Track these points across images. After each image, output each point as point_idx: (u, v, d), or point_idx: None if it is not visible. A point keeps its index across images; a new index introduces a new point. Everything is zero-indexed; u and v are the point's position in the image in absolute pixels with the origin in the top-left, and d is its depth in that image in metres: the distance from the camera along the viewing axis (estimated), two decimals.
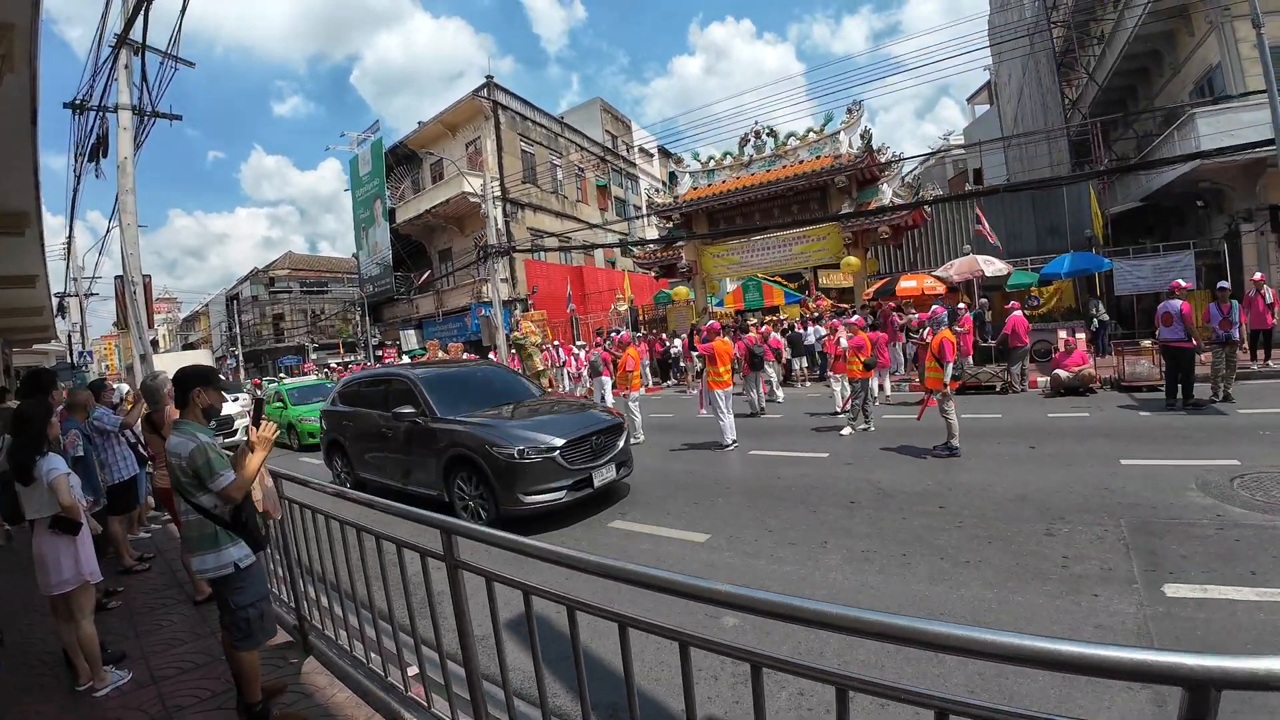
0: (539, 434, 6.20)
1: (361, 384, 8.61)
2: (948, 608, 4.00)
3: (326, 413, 8.98)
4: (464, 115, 27.73)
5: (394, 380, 7.72)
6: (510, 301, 26.28)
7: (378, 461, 7.78)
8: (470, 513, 6.38)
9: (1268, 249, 14.29)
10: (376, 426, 7.67)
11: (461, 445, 6.41)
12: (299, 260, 47.85)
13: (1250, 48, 13.93)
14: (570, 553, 1.89)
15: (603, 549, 5.33)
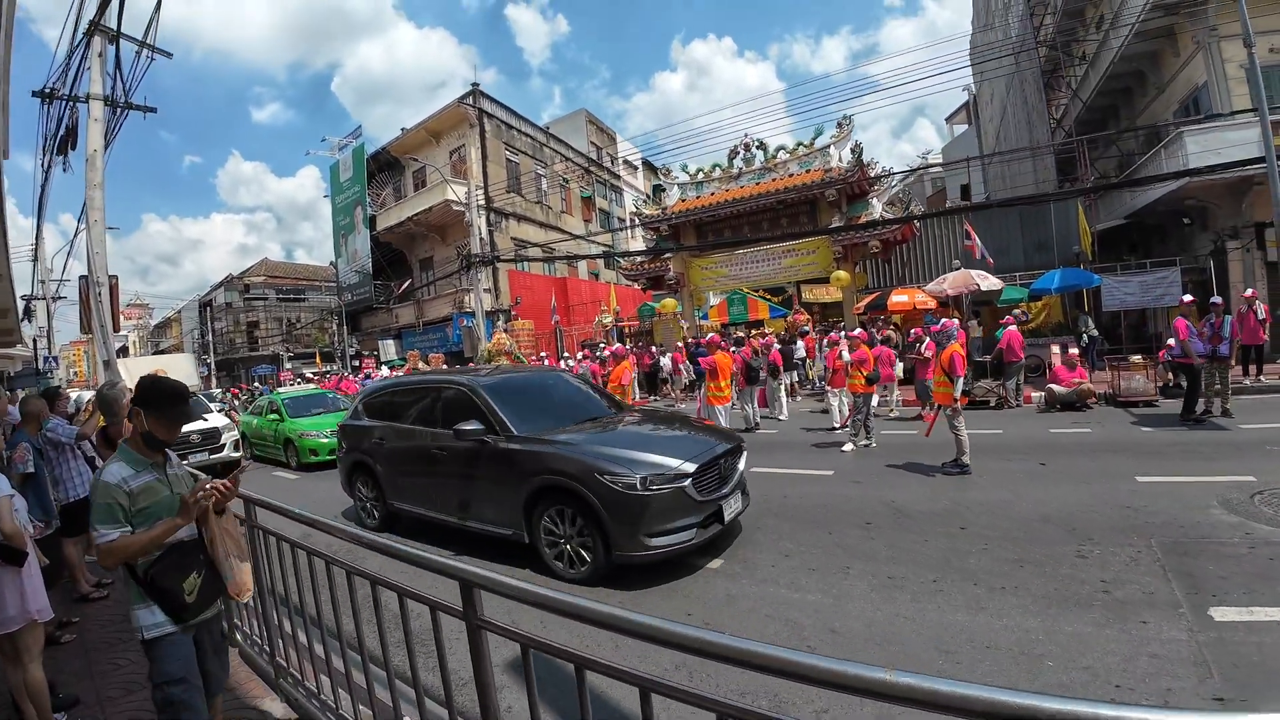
0: (663, 457, 4.92)
1: (396, 393, 7.11)
2: (993, 639, 3.71)
3: (348, 428, 7.46)
4: (448, 122, 27.34)
5: (445, 389, 6.30)
6: (493, 312, 25.80)
7: (423, 490, 6.31)
8: (566, 559, 5.05)
9: (1253, 266, 14.43)
10: (422, 447, 6.23)
11: (555, 472, 5.04)
12: (275, 267, 46.83)
13: (1237, 68, 14.16)
14: (636, 618, 1.46)
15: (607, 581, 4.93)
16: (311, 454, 11.41)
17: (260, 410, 13.92)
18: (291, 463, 12.04)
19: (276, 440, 12.57)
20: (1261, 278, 14.22)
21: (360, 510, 7.18)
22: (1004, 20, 21.91)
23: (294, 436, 11.85)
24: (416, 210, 26.99)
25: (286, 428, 12.26)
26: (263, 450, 13.17)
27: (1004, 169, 25.22)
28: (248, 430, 13.43)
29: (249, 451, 13.21)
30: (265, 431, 12.99)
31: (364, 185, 28.52)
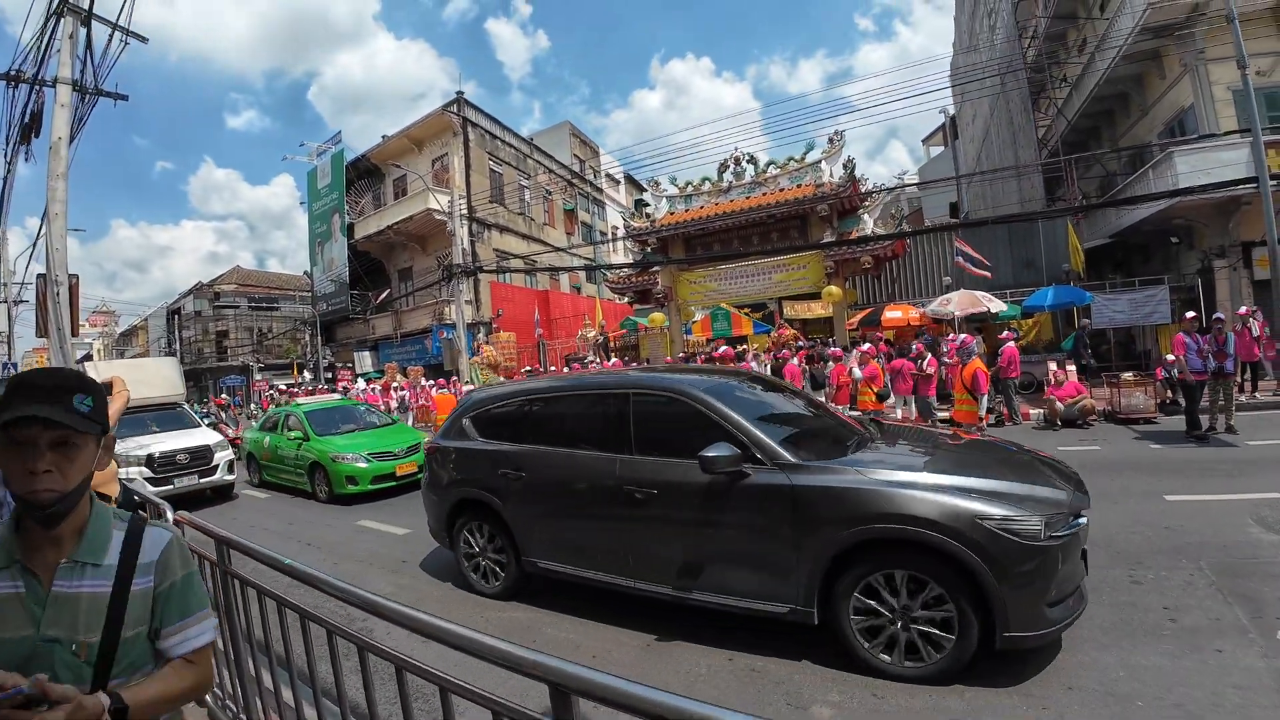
0: (1043, 488, 3.62)
1: (535, 402, 5.14)
2: (1073, 679, 3.35)
3: (447, 453, 5.38)
4: (431, 130, 26.87)
5: (637, 396, 4.43)
6: (474, 324, 25.23)
7: (599, 544, 4.40)
8: (898, 648, 3.47)
9: (1240, 284, 14.57)
10: (602, 482, 4.32)
11: (888, 519, 3.44)
12: (247, 275, 45.55)
13: (1224, 90, 14.40)
14: None
15: None
16: (349, 482, 9.08)
17: (274, 426, 11.27)
18: (320, 493, 9.53)
19: (299, 464, 10.06)
20: (1248, 296, 14.33)
21: (469, 569, 5.08)
22: (989, 41, 22.23)
23: (324, 460, 9.39)
24: (397, 219, 26.38)
25: (314, 449, 9.72)
26: (277, 476, 10.73)
27: (987, 188, 25.52)
28: (256, 450, 11.31)
29: (255, 477, 11.42)
30: (284, 453, 10.48)
31: (342, 192, 27.83)
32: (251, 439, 11.71)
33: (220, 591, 2.60)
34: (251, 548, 2.47)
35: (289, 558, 2.42)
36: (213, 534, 2.59)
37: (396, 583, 5.31)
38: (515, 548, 4.75)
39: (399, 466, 9.29)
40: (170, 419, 10.64)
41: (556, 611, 4.59)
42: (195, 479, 9.69)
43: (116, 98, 8.89)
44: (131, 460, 8.96)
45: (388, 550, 6.40)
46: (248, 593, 2.55)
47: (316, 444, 9.79)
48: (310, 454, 9.71)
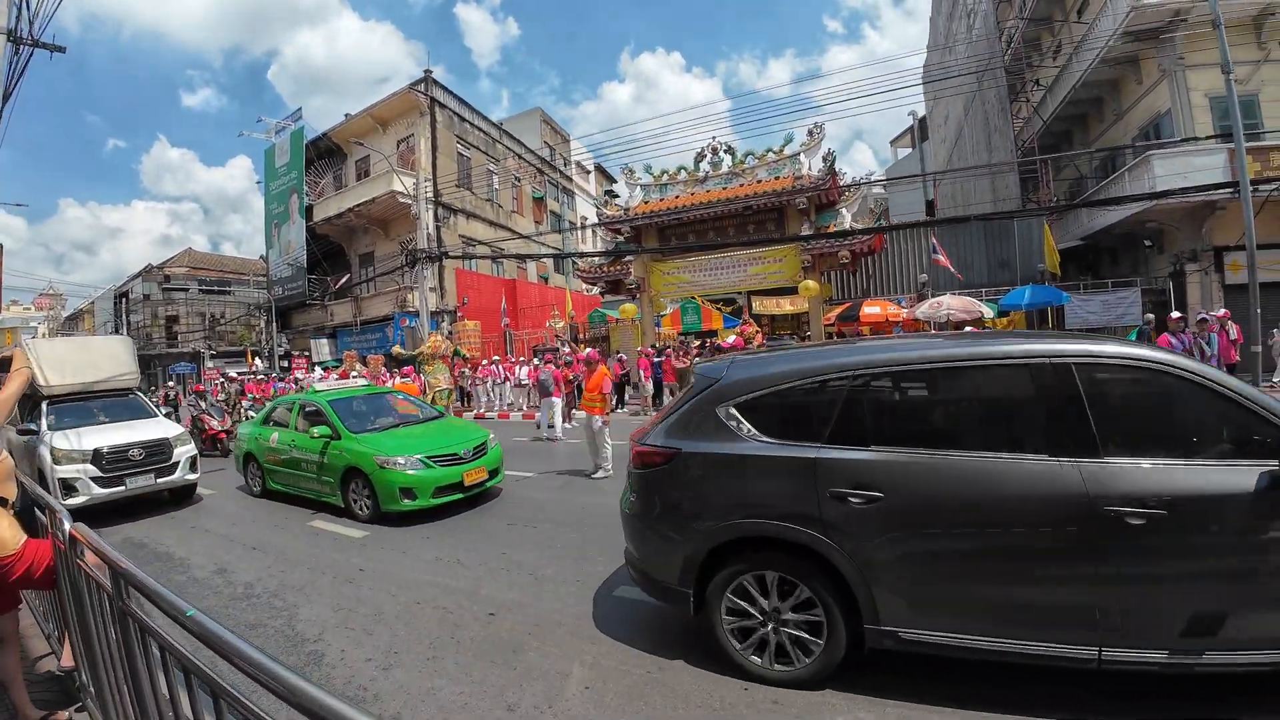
0: None
1: (888, 377, 3.43)
2: None
3: (694, 462, 3.53)
4: (397, 110, 25.74)
5: (1092, 364, 3.03)
6: (438, 312, 24.30)
7: (1049, 595, 2.92)
8: None
9: (1211, 288, 14.73)
10: (1052, 500, 2.90)
11: None
12: (199, 258, 43.40)
13: (1201, 96, 14.50)
14: None
15: (619, 630, 3.90)
16: (404, 496, 6.75)
17: (283, 420, 8.68)
18: (360, 509, 7.12)
19: (325, 470, 7.58)
20: (1219, 300, 14.50)
21: (740, 643, 3.35)
22: (967, 39, 22.22)
23: (367, 466, 7.01)
24: (359, 201, 25.21)
25: (350, 451, 7.29)
26: (290, 484, 8.22)
27: (959, 188, 25.62)
28: (257, 450, 8.72)
29: (257, 484, 8.74)
30: (301, 455, 7.93)
31: (301, 172, 26.49)
32: (250, 436, 8.96)
33: (119, 635, 1.93)
34: (152, 588, 1.73)
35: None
36: (109, 560, 1.93)
37: (354, 596, 4.66)
38: (851, 608, 3.11)
39: (466, 474, 7.15)
40: (121, 408, 9.07)
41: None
42: (151, 479, 8.05)
43: (53, 49, 8.21)
44: (74, 456, 7.51)
45: (343, 556, 5.69)
46: (149, 645, 1.83)
47: (353, 444, 7.31)
48: (345, 458, 7.27)
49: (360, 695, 3.23)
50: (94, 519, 7.13)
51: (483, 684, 3.30)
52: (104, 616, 2.03)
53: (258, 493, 8.62)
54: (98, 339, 11.53)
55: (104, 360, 9.33)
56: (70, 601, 2.28)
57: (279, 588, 4.91)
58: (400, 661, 3.58)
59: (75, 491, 7.40)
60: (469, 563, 5.27)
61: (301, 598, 4.67)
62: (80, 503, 7.32)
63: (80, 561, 2.13)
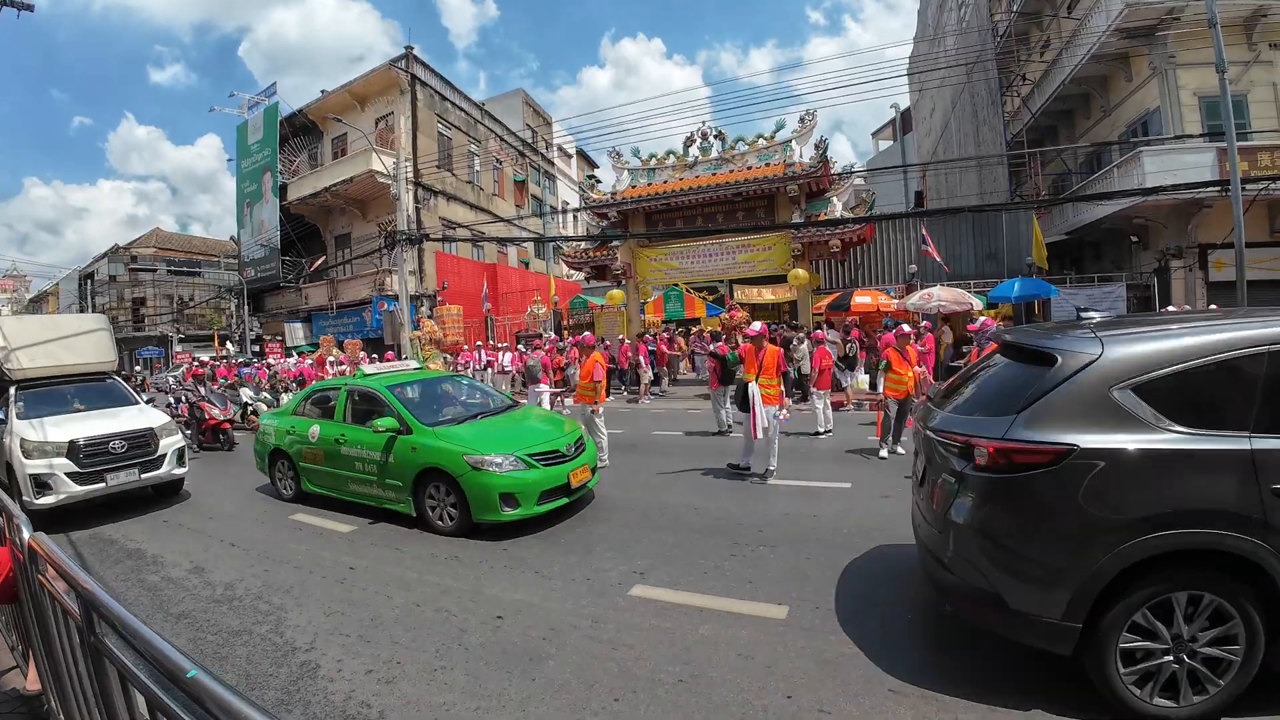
0: None
1: None
2: None
3: (1115, 463, 2.78)
4: (376, 87, 24.91)
5: None
6: (418, 296, 23.71)
7: None
8: None
9: (1195, 284, 14.87)
10: None
11: None
12: (168, 238, 41.86)
13: (1190, 95, 14.57)
14: None
15: (637, 639, 3.66)
16: (505, 503, 5.53)
17: (328, 409, 7.22)
18: (442, 520, 5.82)
19: (391, 471, 6.18)
20: (1202, 297, 14.65)
21: (1136, 682, 2.77)
22: (958, 31, 22.12)
23: (454, 467, 5.69)
24: (335, 180, 24.40)
25: (429, 447, 5.94)
26: (337, 488, 6.77)
27: (945, 179, 25.63)
28: (287, 445, 7.27)
29: (289, 486, 7.33)
30: (354, 452, 6.51)
31: (275, 149, 25.54)
32: (279, 429, 7.47)
33: (90, 670, 1.59)
34: (133, 627, 1.33)
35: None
36: (76, 585, 1.57)
37: (346, 598, 4.33)
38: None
39: (572, 473, 6.00)
40: (98, 394, 8.19)
41: None
42: (135, 474, 7.14)
43: (21, 7, 7.70)
44: (48, 449, 6.69)
45: (331, 553, 5.34)
46: (130, 691, 1.44)
47: (430, 439, 5.98)
48: (421, 456, 5.92)
49: (364, 714, 2.93)
50: (65, 514, 6.72)
51: (500, 697, 3.03)
52: (73, 647, 1.70)
53: (289, 496, 7.26)
54: (72, 317, 10.15)
55: (79, 341, 8.45)
56: (34, 623, 1.94)
57: (263, 589, 4.56)
58: (404, 673, 3.28)
59: (49, 489, 6.60)
60: (467, 559, 4.97)
61: (289, 600, 4.33)
62: (54, 502, 6.60)
63: (42, 578, 1.79)
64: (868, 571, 4.40)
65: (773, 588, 4.21)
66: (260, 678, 3.28)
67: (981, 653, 3.26)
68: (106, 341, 8.86)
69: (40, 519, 6.29)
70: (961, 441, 3.04)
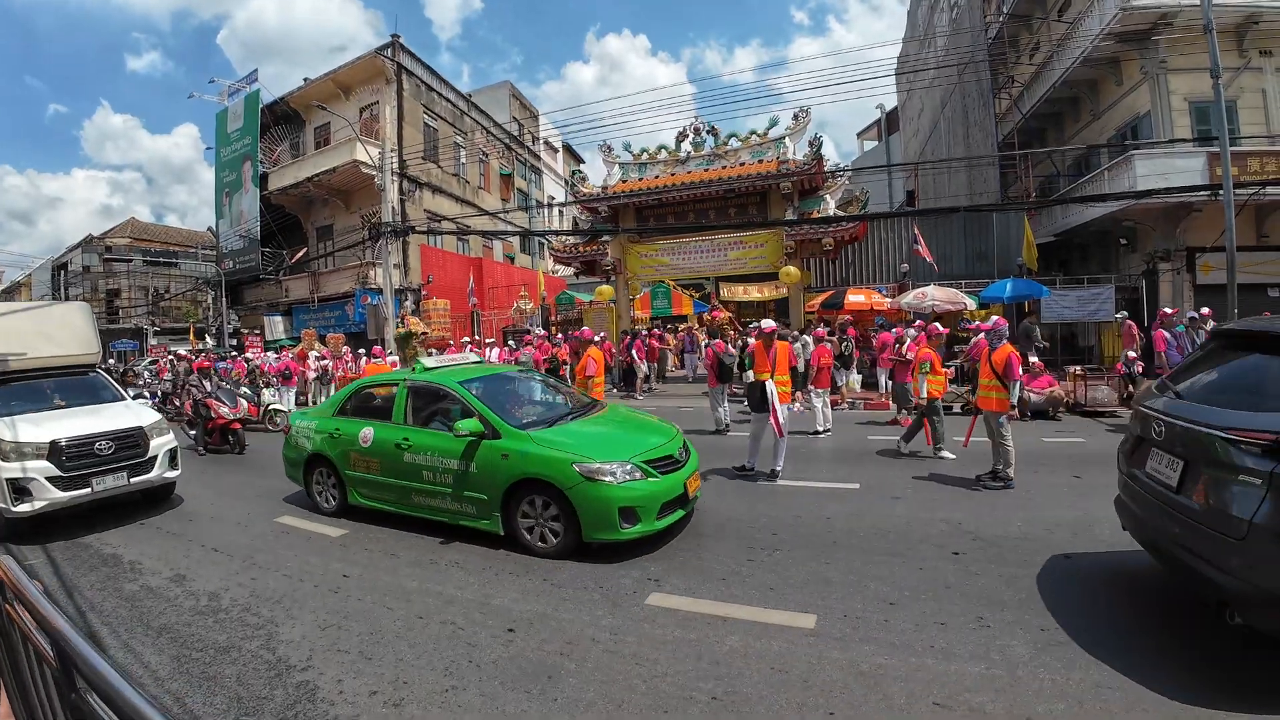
0: None
1: None
2: None
3: None
4: (361, 75, 24.35)
5: None
6: (402, 290, 23.25)
7: None
8: None
9: (1183, 287, 14.99)
10: None
11: None
12: (143, 229, 40.71)
13: (1181, 100, 14.67)
14: None
15: (662, 652, 3.45)
16: (625, 519, 4.75)
17: (381, 409, 6.28)
18: (539, 538, 4.99)
19: (473, 483, 5.26)
20: (1189, 299, 14.75)
21: None
22: (950, 32, 22.14)
23: (562, 478, 4.83)
24: (318, 170, 23.81)
25: (523, 455, 5.05)
26: (393, 499, 5.84)
27: (934, 179, 25.70)
28: (332, 450, 6.25)
29: (331, 499, 6.33)
30: (423, 459, 5.56)
31: (256, 138, 24.86)
32: (320, 431, 6.43)
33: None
34: (113, 686, 1.08)
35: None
36: (50, 629, 1.29)
37: (341, 610, 4.06)
38: None
39: (688, 481, 5.28)
40: (81, 389, 7.48)
41: None
42: (124, 478, 6.48)
43: None
44: (26, 451, 6.01)
45: (322, 560, 5.03)
46: None
47: (526, 445, 5.07)
48: (514, 465, 5.01)
49: None
50: (47, 522, 6.19)
51: (520, 719, 2.80)
52: (50, 697, 1.42)
53: (331, 509, 6.25)
54: (55, 306, 9.20)
55: (59, 331, 7.67)
56: (5, 660, 1.66)
57: (250, 599, 4.26)
58: (412, 694, 3.03)
59: (28, 495, 5.92)
60: (469, 566, 4.72)
61: (280, 611, 4.04)
62: (34, 509, 5.94)
63: (10, 609, 1.53)
64: (891, 576, 4.22)
65: (796, 594, 4.03)
66: (253, 701, 3.01)
67: (1039, 663, 3.09)
68: (89, 332, 8.07)
69: (19, 528, 6.00)
70: (1268, 440, 2.81)
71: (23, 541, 5.87)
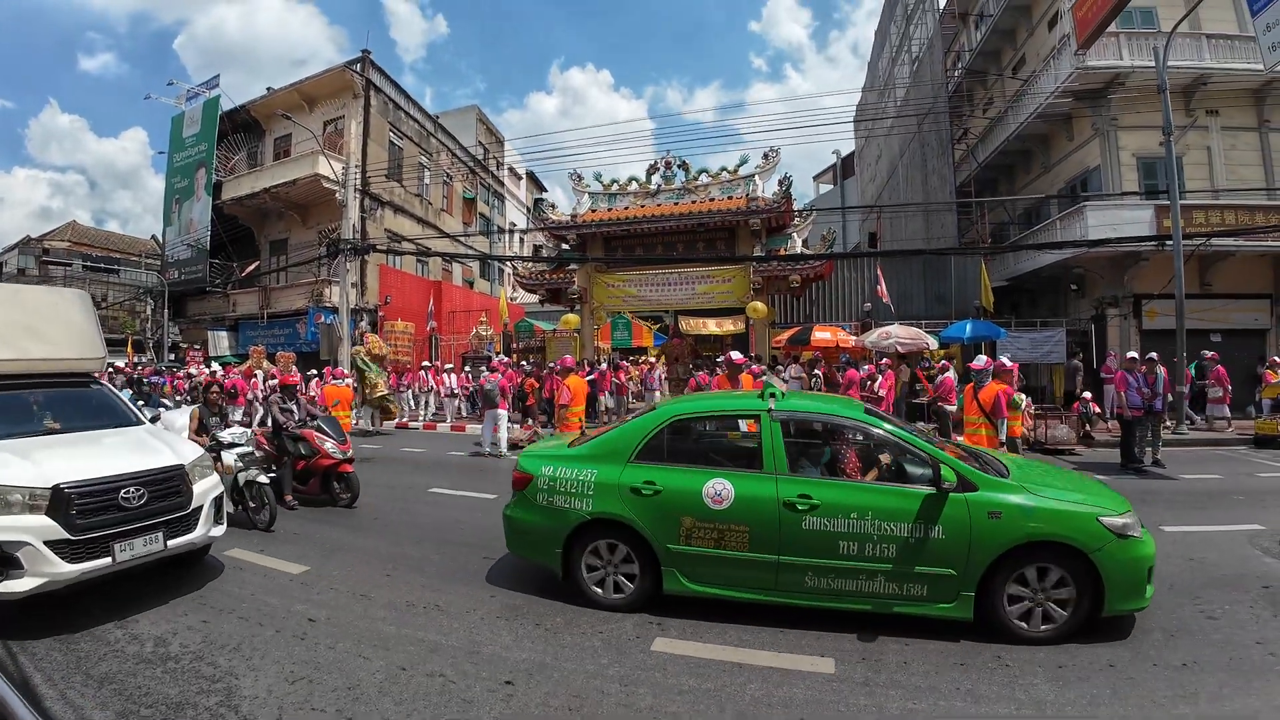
0: None
1: None
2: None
3: None
4: (328, 88, 23.83)
5: None
6: (358, 310, 22.51)
7: None
8: None
9: (1129, 332, 15.71)
10: None
11: None
12: (84, 233, 38.62)
13: (1129, 155, 15.56)
14: None
15: (682, 705, 3.18)
16: (1150, 580, 3.91)
17: (729, 452, 4.84)
18: (1029, 626, 3.82)
19: (934, 552, 3.86)
20: (1136, 344, 15.45)
21: None
22: (911, 84, 23.12)
23: (1084, 538, 3.75)
24: (277, 182, 23.02)
25: (1024, 510, 3.83)
26: (771, 583, 4.10)
27: (892, 223, 26.56)
28: (622, 512, 4.34)
29: (620, 580, 4.40)
30: (839, 523, 3.97)
31: (213, 145, 23.95)
32: (602, 482, 4.46)
33: None
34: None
35: None
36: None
37: (310, 660, 3.63)
38: None
39: None
40: (80, 406, 5.56)
41: None
42: (159, 541, 4.42)
43: None
44: (15, 499, 3.99)
45: (282, 601, 4.49)
46: None
47: (1023, 496, 3.91)
48: (1018, 523, 3.80)
49: None
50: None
51: None
52: None
53: (621, 601, 4.33)
54: (40, 290, 6.75)
55: (50, 326, 5.62)
56: None
57: (203, 646, 3.78)
58: None
59: (15, 568, 3.89)
60: (452, 609, 4.34)
61: (239, 661, 3.59)
62: (28, 589, 3.88)
63: None
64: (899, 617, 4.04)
65: (807, 636, 3.87)
66: None
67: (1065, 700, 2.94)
68: (90, 328, 6.04)
69: None
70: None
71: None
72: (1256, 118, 15.74)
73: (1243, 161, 15.70)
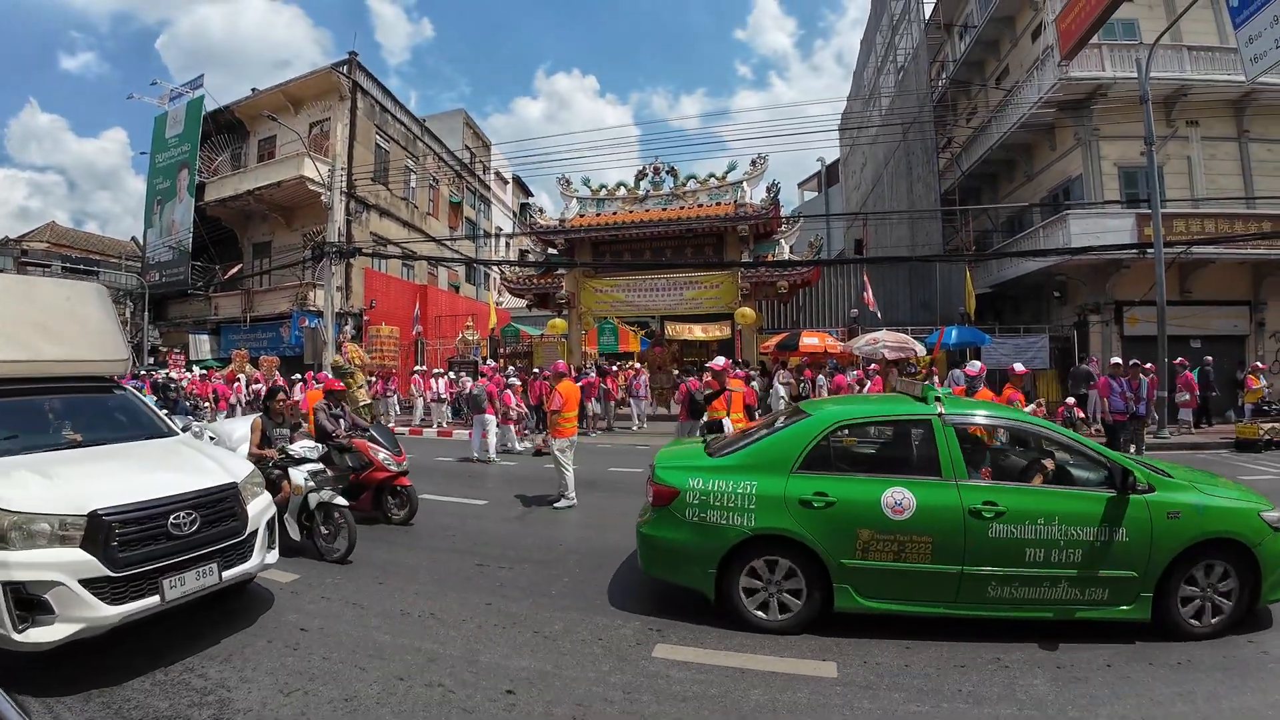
0: None
1: None
2: None
3: None
4: (314, 90, 23.63)
5: None
6: (342, 314, 22.27)
7: None
8: None
9: (1111, 338, 15.97)
10: None
11: None
12: (63, 234, 37.95)
13: (1111, 165, 15.85)
14: None
15: (686, 712, 3.16)
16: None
17: (900, 460, 4.62)
18: (1206, 613, 3.95)
19: (1116, 554, 3.86)
20: (1118, 349, 15.71)
21: None
22: (897, 93, 23.39)
23: (1247, 532, 3.92)
24: (262, 183, 22.76)
25: (1196, 508, 3.93)
26: (952, 595, 3.96)
27: (877, 230, 26.81)
28: (786, 526, 4.02)
29: (779, 600, 4.08)
30: (1024, 530, 3.87)
31: (196, 145, 23.62)
32: (763, 494, 4.12)
33: None
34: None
35: None
36: None
37: (304, 670, 3.54)
38: None
39: None
40: (104, 414, 4.97)
41: None
42: (214, 573, 3.80)
43: None
44: (39, 529, 3.29)
45: (272, 611, 4.41)
46: None
47: (1192, 495, 4.02)
48: (1194, 522, 3.91)
49: None
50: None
51: None
52: None
53: (786, 623, 4.03)
54: (52, 283, 5.77)
55: (65, 323, 4.93)
56: None
57: (193, 656, 3.70)
58: None
59: (47, 613, 3.19)
60: (448, 618, 4.28)
61: (230, 672, 3.51)
62: (59, 638, 3.20)
63: None
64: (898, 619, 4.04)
65: (808, 640, 3.88)
66: None
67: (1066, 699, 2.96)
68: (111, 327, 5.35)
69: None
70: None
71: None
72: (1236, 128, 16.10)
73: (1222, 171, 16.05)
